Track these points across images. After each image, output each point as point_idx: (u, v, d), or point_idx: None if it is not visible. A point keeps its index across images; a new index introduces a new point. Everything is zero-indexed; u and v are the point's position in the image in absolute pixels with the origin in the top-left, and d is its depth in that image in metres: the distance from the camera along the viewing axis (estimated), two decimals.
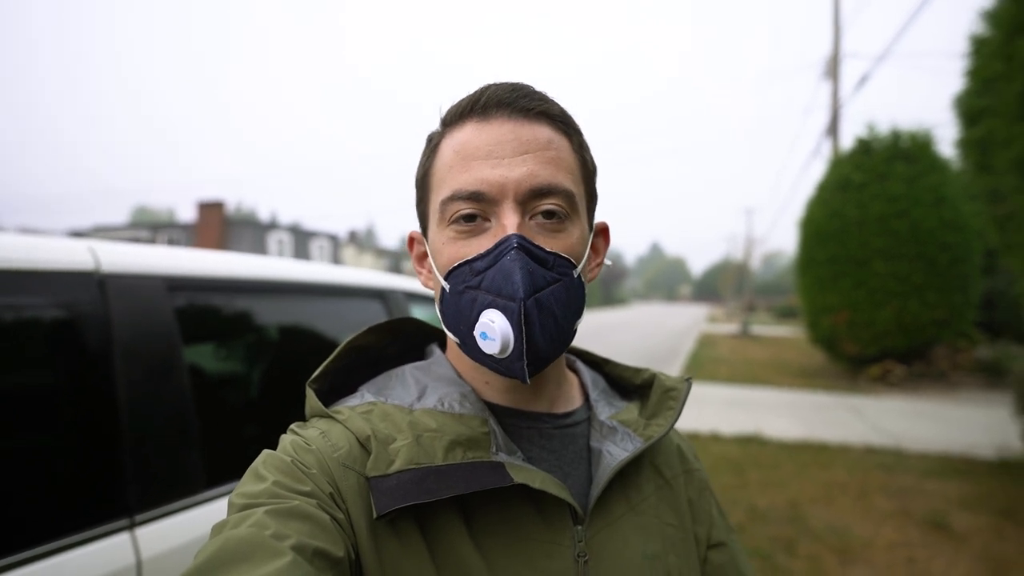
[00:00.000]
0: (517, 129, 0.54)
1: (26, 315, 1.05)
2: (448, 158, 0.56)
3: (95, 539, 1.02)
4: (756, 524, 3.66)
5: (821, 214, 9.81)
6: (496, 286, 0.51)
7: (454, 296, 0.55)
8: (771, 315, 40.79)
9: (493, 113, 0.55)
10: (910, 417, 6.86)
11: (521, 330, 0.50)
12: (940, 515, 3.77)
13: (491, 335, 0.51)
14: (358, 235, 42.12)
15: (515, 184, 0.53)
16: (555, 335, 0.54)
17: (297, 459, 0.51)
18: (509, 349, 0.51)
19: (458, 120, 0.57)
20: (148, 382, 1.16)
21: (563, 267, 0.55)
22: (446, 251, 0.56)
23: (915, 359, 9.34)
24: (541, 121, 0.56)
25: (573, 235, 0.56)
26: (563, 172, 0.56)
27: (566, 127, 0.58)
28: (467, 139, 0.55)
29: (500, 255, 0.52)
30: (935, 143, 9.32)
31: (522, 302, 0.50)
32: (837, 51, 12.98)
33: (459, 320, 0.55)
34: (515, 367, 0.52)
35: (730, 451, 5.36)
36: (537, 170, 0.53)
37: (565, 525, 0.56)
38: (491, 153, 0.54)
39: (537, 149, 0.54)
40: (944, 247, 8.76)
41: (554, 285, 0.53)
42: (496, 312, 0.51)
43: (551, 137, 0.56)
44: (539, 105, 0.56)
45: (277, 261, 1.71)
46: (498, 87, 0.56)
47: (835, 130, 12.82)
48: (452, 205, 0.55)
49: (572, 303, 0.56)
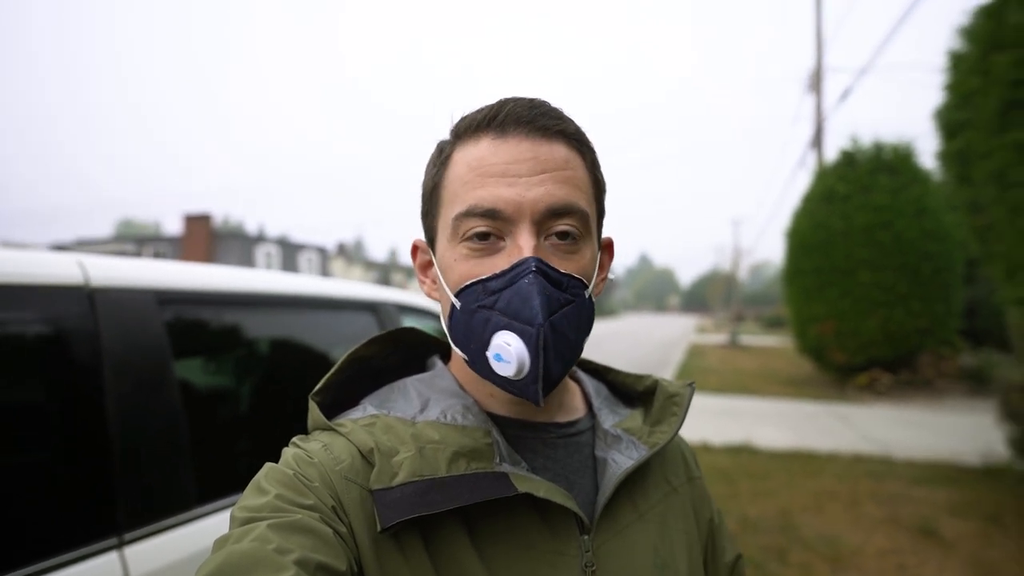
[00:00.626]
0: (535, 148, 0.54)
1: (14, 330, 1.03)
2: (462, 173, 0.55)
3: (83, 559, 1.00)
4: (747, 533, 3.67)
5: (807, 225, 9.94)
6: (513, 309, 0.51)
7: (465, 314, 0.55)
8: (759, 325, 41.08)
9: (511, 130, 0.54)
10: (898, 425, 6.93)
11: (538, 355, 0.50)
12: (929, 522, 3.80)
13: (506, 358, 0.51)
14: (347, 247, 41.96)
15: (532, 204, 0.52)
16: (568, 357, 0.54)
17: (299, 472, 0.51)
18: (524, 372, 0.51)
19: (473, 133, 0.56)
20: (138, 396, 1.15)
21: (576, 288, 0.55)
22: (458, 268, 0.55)
23: (901, 367, 9.46)
24: (558, 140, 0.56)
25: (586, 256, 0.57)
26: (579, 192, 0.56)
27: (580, 145, 0.58)
28: (483, 155, 0.54)
29: (517, 277, 0.51)
30: (917, 155, 9.51)
31: (541, 328, 0.50)
32: (820, 65, 13.25)
33: (470, 338, 0.55)
34: (529, 390, 0.51)
35: (720, 461, 5.37)
36: (554, 190, 0.53)
37: (571, 535, 0.55)
38: (508, 171, 0.53)
39: (554, 169, 0.54)
40: (927, 257, 8.90)
41: (567, 307, 0.53)
42: (512, 335, 0.51)
43: (568, 156, 0.56)
44: (557, 124, 0.55)
45: (268, 274, 1.70)
46: (516, 103, 0.55)
47: (819, 142, 13.05)
48: (466, 222, 0.54)
49: (583, 323, 0.56)
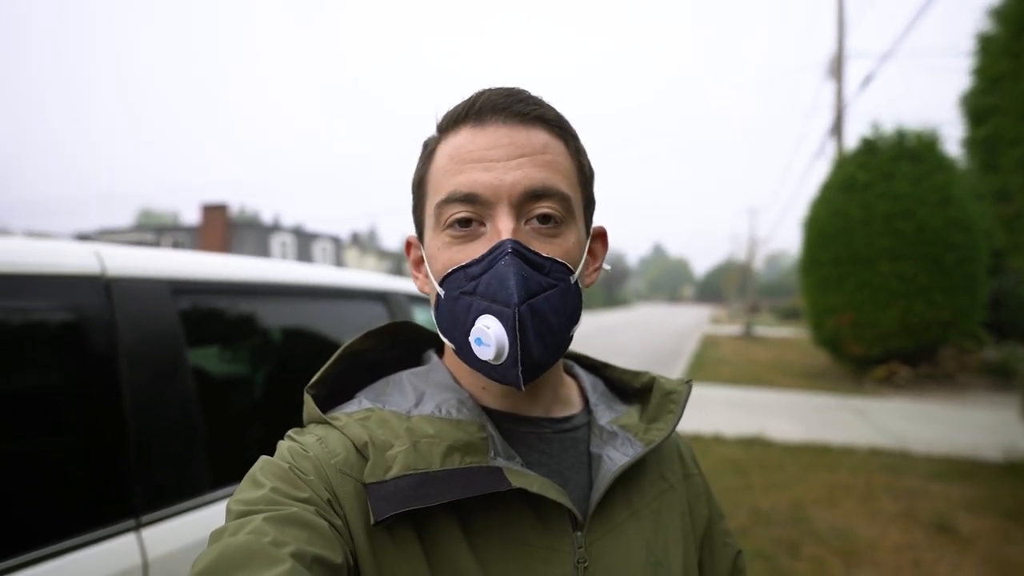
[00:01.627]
0: (512, 133, 0.54)
1: (33, 318, 1.06)
2: (443, 163, 0.56)
3: (102, 540, 1.03)
4: (759, 526, 3.65)
5: (825, 214, 9.77)
6: (491, 292, 0.51)
7: (449, 302, 0.55)
8: (775, 316, 40.61)
9: (488, 118, 0.55)
10: (916, 419, 6.83)
11: (516, 336, 0.50)
12: (946, 517, 3.75)
13: (486, 341, 0.51)
14: (361, 237, 42.20)
15: (509, 187, 0.53)
16: (549, 341, 0.53)
17: (295, 465, 0.51)
18: (504, 355, 0.51)
19: (453, 126, 0.57)
20: (153, 384, 1.17)
21: (559, 272, 0.54)
22: (441, 256, 0.56)
23: (921, 360, 9.29)
24: (537, 126, 0.56)
25: (569, 240, 0.56)
26: (559, 176, 0.55)
27: (562, 131, 0.58)
28: (462, 143, 0.55)
29: (494, 260, 0.52)
30: (941, 142, 9.28)
31: (516, 307, 0.50)
32: (841, 50, 12.94)
33: (454, 326, 0.55)
34: (510, 374, 0.51)
35: (733, 453, 5.34)
36: (532, 173, 0.53)
37: (564, 531, 0.55)
38: (485, 157, 0.53)
39: (532, 153, 0.54)
40: (950, 247, 8.71)
41: (549, 291, 0.53)
42: (491, 318, 0.51)
43: (547, 141, 0.56)
44: (534, 110, 0.56)
45: (280, 264, 1.71)
46: (493, 92, 0.56)
47: (839, 130, 12.78)
48: (447, 208, 0.55)
49: (568, 309, 0.55)
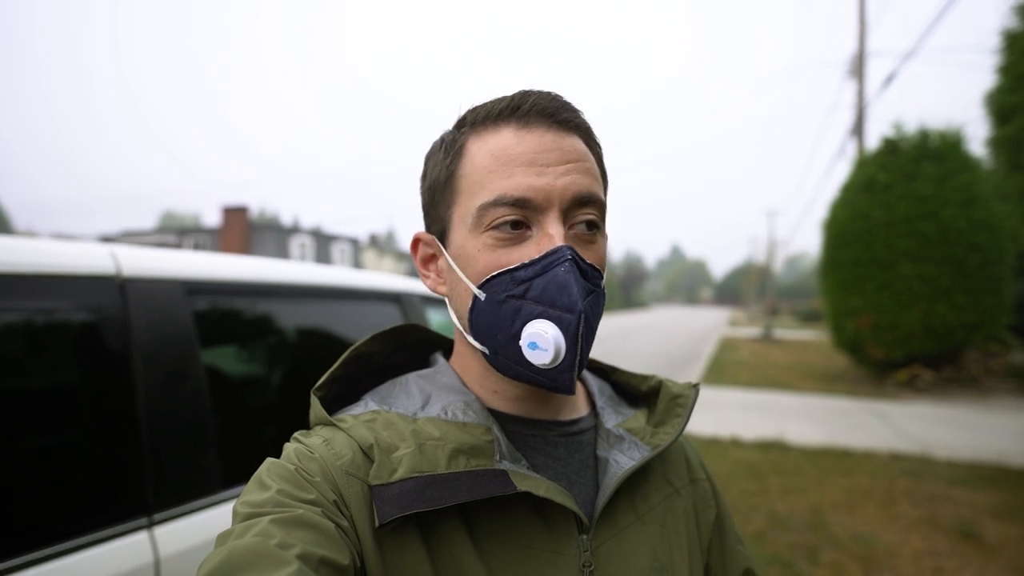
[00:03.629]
0: (559, 139, 0.55)
1: (49, 318, 1.08)
2: (485, 162, 0.55)
3: (114, 537, 1.04)
4: (777, 531, 3.60)
5: (845, 215, 9.61)
6: (548, 297, 0.51)
7: (492, 305, 0.54)
8: (794, 318, 40.04)
9: (535, 121, 0.55)
10: (938, 423, 6.67)
11: (576, 341, 0.50)
12: (969, 524, 3.66)
13: (543, 345, 0.50)
14: (378, 238, 42.51)
15: (560, 193, 0.53)
16: (591, 344, 0.55)
17: (301, 467, 0.51)
18: (560, 359, 0.51)
19: (492, 123, 0.56)
20: (167, 384, 1.19)
21: (597, 278, 0.56)
22: (482, 258, 0.54)
23: (944, 364, 9.09)
24: (576, 134, 0.57)
25: (602, 247, 0.58)
26: (597, 183, 0.57)
27: (592, 141, 0.59)
28: (507, 144, 0.54)
29: (551, 265, 0.52)
30: (965, 142, 9.07)
31: (581, 314, 0.50)
32: (863, 49, 12.71)
33: (496, 329, 0.54)
34: (563, 377, 0.51)
35: (751, 456, 5.27)
36: (579, 179, 0.54)
37: (570, 534, 0.55)
38: (535, 161, 0.53)
39: (576, 160, 0.55)
40: (974, 248, 8.51)
41: (590, 296, 0.54)
42: (547, 323, 0.51)
43: (585, 151, 0.57)
44: (575, 118, 0.57)
45: (293, 265, 1.73)
46: (540, 95, 0.56)
47: (860, 130, 12.55)
48: (494, 211, 0.53)
49: (600, 313, 0.57)
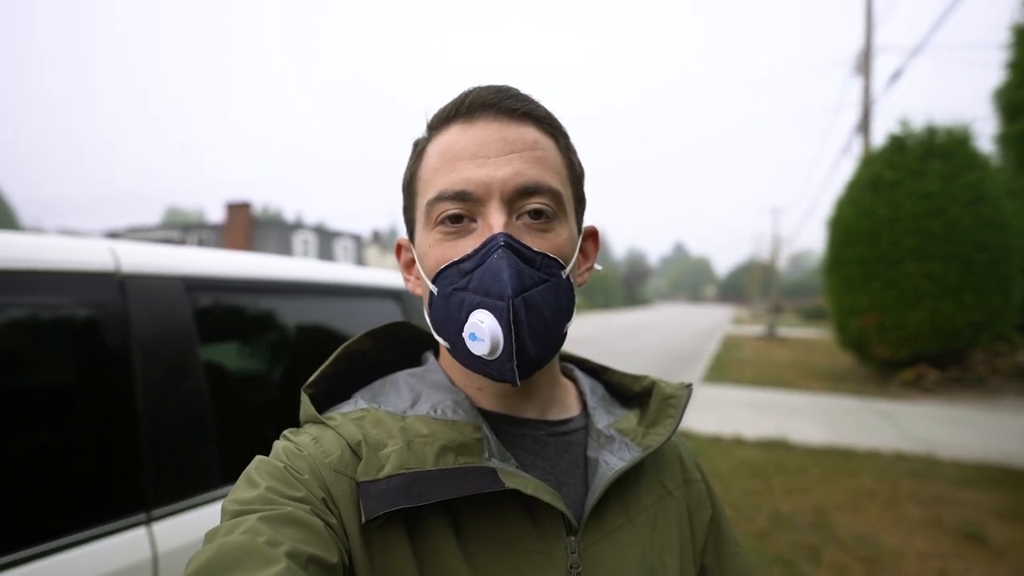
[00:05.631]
0: (503, 130, 0.54)
1: (49, 314, 1.08)
2: (434, 161, 0.56)
3: (113, 533, 1.04)
4: (779, 530, 3.58)
5: (850, 213, 9.55)
6: (484, 286, 0.51)
7: (442, 299, 0.55)
8: (798, 317, 39.92)
9: (478, 114, 0.55)
10: (944, 423, 6.63)
11: (511, 329, 0.49)
12: (975, 525, 3.63)
13: (480, 335, 0.50)
14: (381, 235, 42.57)
15: (501, 183, 0.53)
16: (544, 336, 0.53)
17: (289, 465, 0.51)
18: (499, 350, 0.50)
19: (443, 124, 0.57)
20: (166, 380, 1.19)
21: (551, 267, 0.54)
22: (432, 253, 0.55)
23: (950, 363, 9.03)
24: (527, 122, 0.56)
25: (561, 236, 0.56)
26: (549, 172, 0.55)
27: (552, 128, 0.58)
28: (452, 140, 0.55)
29: (487, 254, 0.51)
30: (973, 139, 8.99)
31: (510, 300, 0.49)
32: (869, 45, 12.62)
33: (447, 323, 0.55)
34: (505, 368, 0.51)
35: (753, 455, 5.25)
36: (523, 169, 0.53)
37: (558, 535, 0.54)
38: (476, 153, 0.53)
39: (523, 149, 0.54)
40: (982, 247, 8.44)
41: (542, 285, 0.52)
42: (485, 312, 0.50)
43: (537, 138, 0.56)
44: (524, 106, 0.56)
45: (293, 261, 1.73)
46: (482, 89, 0.56)
47: (866, 127, 12.47)
48: (438, 206, 0.54)
49: (561, 304, 0.54)
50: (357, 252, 32.46)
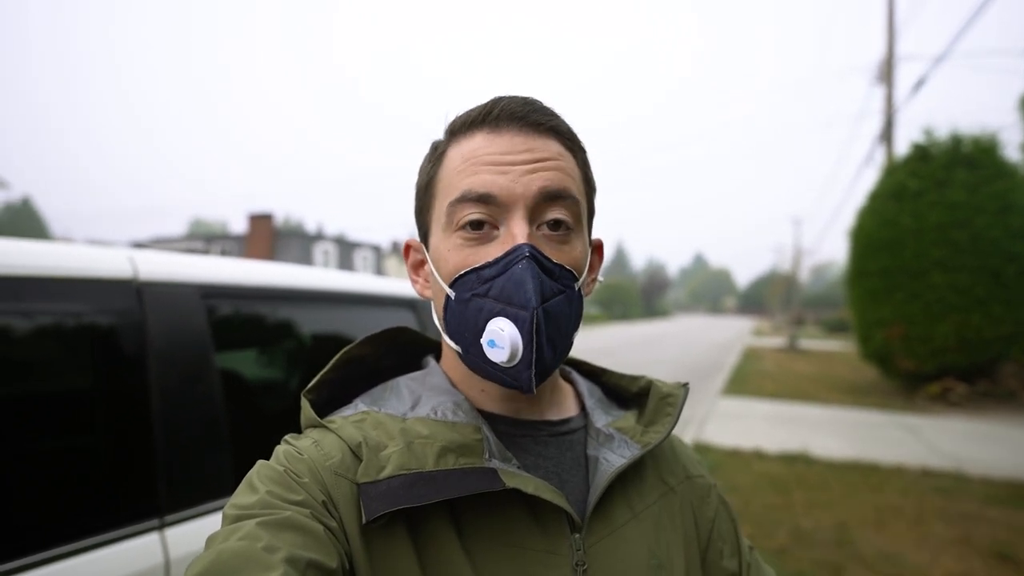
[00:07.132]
0: (529, 141, 0.56)
1: (67, 321, 1.10)
2: (456, 163, 0.57)
3: (126, 538, 1.06)
4: (800, 547, 3.49)
5: (873, 224, 9.38)
6: (506, 295, 0.52)
7: (459, 304, 0.55)
8: (820, 329, 39.17)
9: (505, 125, 0.56)
10: (973, 439, 6.42)
11: (532, 339, 0.50)
12: (1006, 546, 3.49)
13: (500, 343, 0.51)
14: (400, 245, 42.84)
15: (524, 190, 0.54)
16: (559, 345, 0.54)
17: (289, 468, 0.51)
18: (518, 357, 0.51)
19: (467, 130, 0.58)
20: (181, 386, 1.21)
21: (567, 279, 0.55)
22: (452, 258, 0.56)
23: (979, 377, 8.76)
24: (551, 136, 0.57)
25: (576, 248, 0.58)
26: (571, 182, 0.57)
27: (572, 144, 0.60)
28: (477, 147, 0.56)
29: (510, 263, 0.52)
30: (1001, 147, 8.79)
31: (535, 311, 0.50)
32: (891, 53, 12.45)
33: (464, 328, 0.55)
34: (523, 376, 0.51)
35: (774, 469, 5.14)
36: (548, 177, 0.55)
37: (562, 533, 0.54)
38: (502, 161, 0.54)
39: (547, 160, 0.56)
40: (1011, 258, 8.22)
41: (559, 296, 0.54)
42: (505, 320, 0.51)
43: (560, 151, 0.57)
44: (549, 120, 0.57)
45: (309, 270, 1.75)
46: (510, 100, 0.57)
47: (889, 136, 12.26)
48: (460, 208, 0.55)
49: (573, 315, 0.56)
50: (377, 262, 32.77)
